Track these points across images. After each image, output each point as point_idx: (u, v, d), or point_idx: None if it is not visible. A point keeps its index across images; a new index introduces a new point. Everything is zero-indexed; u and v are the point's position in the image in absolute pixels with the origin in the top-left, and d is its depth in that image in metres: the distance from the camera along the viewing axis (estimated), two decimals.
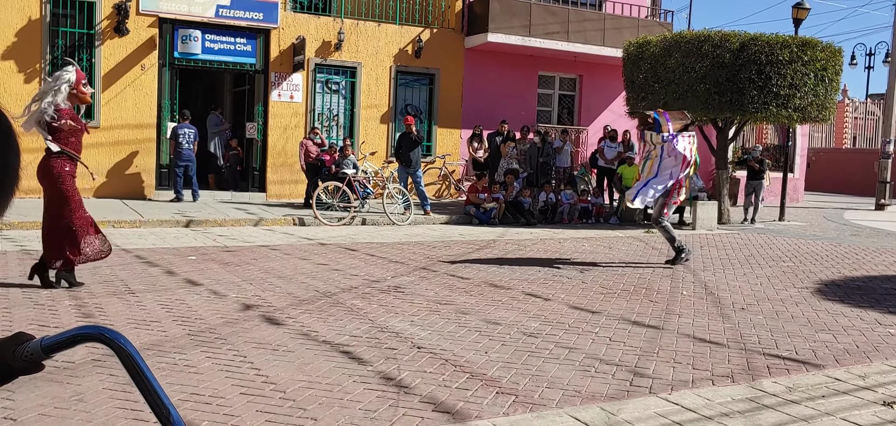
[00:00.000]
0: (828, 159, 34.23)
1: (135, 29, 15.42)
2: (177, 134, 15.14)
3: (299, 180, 16.40)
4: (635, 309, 7.25)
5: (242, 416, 4.02)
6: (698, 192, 15.93)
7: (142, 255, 9.34)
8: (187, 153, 15.12)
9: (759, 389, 4.83)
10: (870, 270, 10.39)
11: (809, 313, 7.34)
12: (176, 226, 12.38)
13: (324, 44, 17.28)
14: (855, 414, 4.43)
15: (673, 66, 15.63)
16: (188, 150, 15.13)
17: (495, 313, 6.79)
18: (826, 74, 15.44)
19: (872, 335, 6.53)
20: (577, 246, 11.90)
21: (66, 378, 4.47)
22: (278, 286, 7.67)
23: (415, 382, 4.70)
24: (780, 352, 5.84)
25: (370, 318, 6.38)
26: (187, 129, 15.17)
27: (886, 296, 8.42)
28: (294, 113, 17.16)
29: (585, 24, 19.12)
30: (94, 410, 4.01)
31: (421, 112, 18.63)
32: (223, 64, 16.45)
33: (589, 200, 16.30)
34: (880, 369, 5.45)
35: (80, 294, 6.91)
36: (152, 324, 5.90)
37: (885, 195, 23.06)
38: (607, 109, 20.82)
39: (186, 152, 15.11)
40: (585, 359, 5.41)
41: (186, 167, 15.22)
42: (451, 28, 18.80)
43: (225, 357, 5.07)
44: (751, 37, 15.14)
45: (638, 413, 4.30)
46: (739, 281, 9.12)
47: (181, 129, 15.13)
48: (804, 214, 19.79)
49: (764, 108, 15.07)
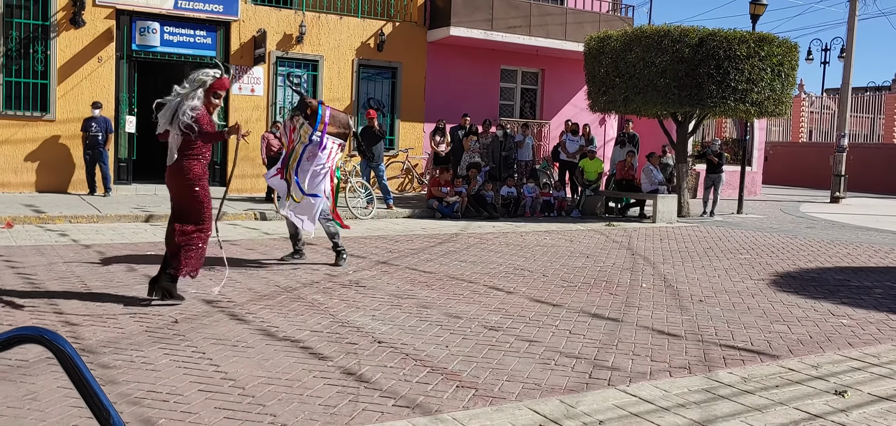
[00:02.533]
0: (785, 153, 34.85)
1: (91, 20, 15.14)
2: (89, 125, 14.64)
3: (261, 174, 16.24)
4: (596, 302, 7.32)
5: (201, 413, 3.98)
6: (659, 185, 16.14)
7: (99, 251, 9.18)
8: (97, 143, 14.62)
9: (715, 380, 4.91)
10: (824, 262, 10.61)
11: (765, 305, 7.47)
12: (135, 221, 12.19)
13: (285, 36, 17.14)
14: (807, 403, 4.53)
15: (633, 61, 15.78)
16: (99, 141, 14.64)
17: (457, 307, 6.80)
18: (783, 69, 15.71)
19: (825, 325, 6.67)
20: (539, 239, 11.97)
21: (20, 377, 4.39)
22: (238, 281, 7.60)
23: (375, 377, 4.69)
24: (736, 343, 5.94)
25: (331, 313, 6.35)
26: (97, 121, 14.73)
27: (839, 288, 8.61)
28: (255, 106, 17.00)
29: (547, 19, 19.22)
30: (47, 409, 3.94)
31: (383, 106, 18.58)
32: (182, 56, 16.23)
33: (551, 194, 16.39)
34: (832, 359, 5.57)
35: (34, 292, 6.78)
36: (108, 321, 5.81)
37: (840, 188, 23.55)
38: (569, 103, 20.96)
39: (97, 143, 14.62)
40: (546, 352, 5.45)
41: (98, 159, 14.76)
42: (414, 21, 18.76)
43: (183, 353, 5.02)
44: (709, 32, 15.34)
45: (597, 405, 4.35)
46: (698, 273, 9.25)
47: (92, 121, 14.68)
48: (762, 207, 20.13)
49: (722, 102, 15.29)
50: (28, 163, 14.93)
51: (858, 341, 6.17)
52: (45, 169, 15.06)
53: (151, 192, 15.70)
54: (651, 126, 19.35)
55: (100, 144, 14.70)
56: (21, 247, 9.25)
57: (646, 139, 19.89)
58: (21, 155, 14.85)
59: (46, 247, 9.34)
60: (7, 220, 11.06)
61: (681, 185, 16.93)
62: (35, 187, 14.99)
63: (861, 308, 7.50)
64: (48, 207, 12.59)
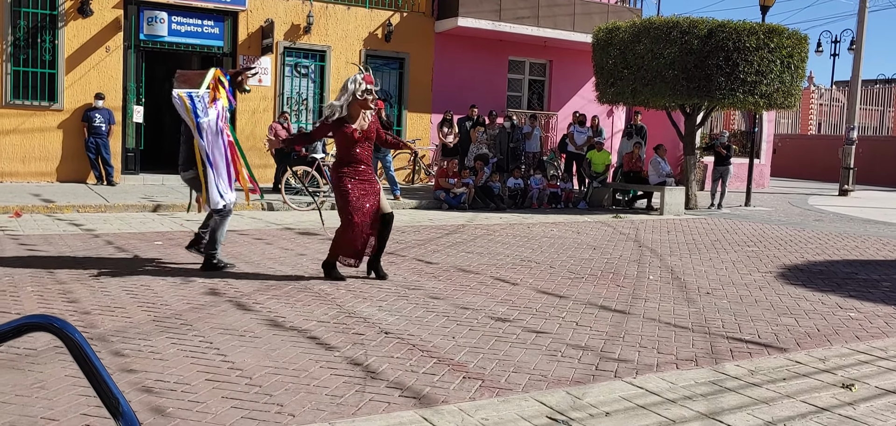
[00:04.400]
0: (793, 145, 34.71)
1: (99, 10, 15.16)
2: (90, 117, 14.84)
3: (268, 164, 16.26)
4: (602, 293, 7.31)
5: (208, 403, 3.99)
6: (666, 177, 16.10)
7: (107, 240, 9.22)
8: (101, 134, 14.86)
9: (721, 373, 4.90)
10: (832, 255, 10.57)
11: (773, 297, 7.45)
12: (142, 210, 12.23)
13: (293, 27, 17.13)
14: (814, 396, 4.52)
15: (642, 52, 15.72)
16: (102, 132, 14.87)
17: (463, 298, 6.80)
18: (792, 61, 15.63)
19: (833, 319, 6.65)
20: (546, 231, 11.95)
21: (28, 365, 4.41)
22: (246, 271, 7.62)
23: (382, 367, 4.70)
24: (743, 335, 5.93)
25: (338, 304, 6.36)
26: (101, 112, 14.90)
27: (847, 281, 8.58)
28: (263, 97, 17.00)
29: (555, 9, 19.15)
30: (55, 398, 3.96)
31: (391, 96, 18.56)
32: (190, 46, 16.24)
33: (558, 185, 16.38)
34: (840, 352, 5.55)
35: (43, 279, 6.81)
36: (117, 310, 5.83)
37: (849, 181, 23.45)
38: (577, 95, 20.90)
39: (101, 134, 14.86)
40: (552, 343, 5.45)
41: (101, 150, 14.94)
42: (422, 12, 18.73)
43: (191, 343, 5.04)
44: (718, 24, 15.26)
45: (603, 397, 4.34)
46: (705, 265, 9.23)
47: (95, 112, 14.85)
48: (770, 200, 20.06)
49: (731, 94, 15.22)
50: (36, 152, 14.98)
51: (866, 334, 6.15)
52: (53, 158, 15.11)
53: (159, 182, 15.74)
54: (659, 118, 19.29)
55: (103, 135, 14.79)
56: (29, 236, 9.29)
57: (654, 131, 19.84)
58: (29, 144, 14.90)
59: (54, 236, 9.37)
60: (15, 210, 11.10)
61: (689, 177, 16.88)
62: (43, 177, 15.05)
63: (869, 301, 7.48)
64: (56, 197, 12.64)
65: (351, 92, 7.17)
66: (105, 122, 14.87)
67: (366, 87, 7.20)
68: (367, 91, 7.20)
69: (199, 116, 7.18)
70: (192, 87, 7.35)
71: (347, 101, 7.20)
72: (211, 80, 7.40)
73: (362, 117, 7.29)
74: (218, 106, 7.38)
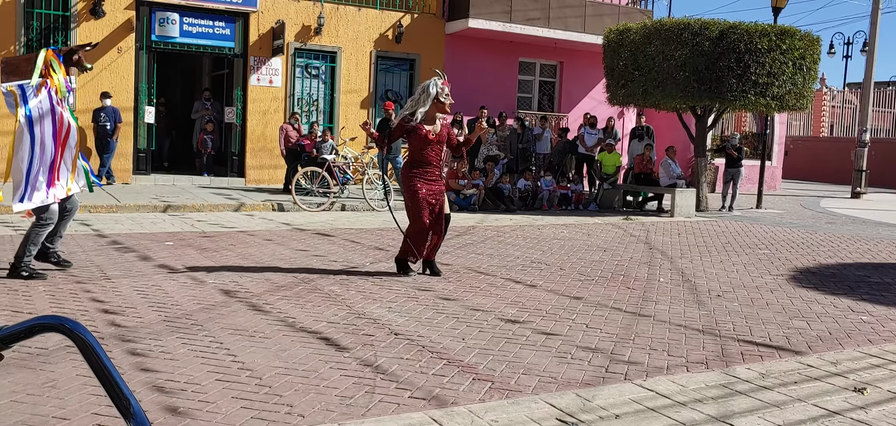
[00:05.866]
0: (805, 147, 34.53)
1: (111, 11, 15.24)
2: (98, 115, 14.93)
3: (278, 165, 16.32)
4: (613, 296, 7.29)
5: (218, 403, 4.00)
6: (677, 179, 16.05)
7: (118, 241, 9.26)
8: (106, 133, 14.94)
9: (732, 375, 4.88)
10: (844, 258, 10.51)
11: (784, 300, 7.41)
12: (153, 211, 12.28)
13: (303, 28, 17.18)
14: (826, 400, 4.49)
15: (653, 54, 15.68)
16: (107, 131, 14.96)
17: (474, 300, 6.80)
18: (804, 63, 15.56)
19: (845, 322, 6.61)
20: (556, 232, 11.94)
21: (40, 364, 4.43)
22: (256, 272, 7.64)
23: (392, 368, 4.70)
24: (754, 338, 5.90)
25: (348, 305, 6.37)
26: (107, 111, 14.97)
27: (859, 284, 8.52)
28: (273, 97, 17.06)
29: (566, 11, 19.13)
30: (67, 397, 3.98)
31: (401, 97, 18.58)
32: (202, 47, 16.31)
33: (568, 187, 16.35)
34: (852, 355, 5.52)
35: (55, 280, 6.85)
36: (128, 311, 5.85)
37: (861, 183, 23.31)
38: (588, 96, 20.88)
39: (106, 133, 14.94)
40: (562, 345, 5.44)
41: (105, 149, 15.02)
42: (432, 13, 18.74)
43: (201, 343, 5.05)
44: (730, 25, 15.21)
45: (613, 399, 4.33)
46: (716, 268, 9.20)
47: (101, 111, 14.92)
48: (781, 202, 19.97)
49: (742, 96, 15.17)
50: None
51: (878, 338, 6.11)
52: None
53: (169, 183, 15.81)
54: (670, 120, 19.23)
55: (108, 134, 14.88)
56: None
57: (665, 133, 19.79)
58: None
59: (66, 236, 9.38)
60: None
61: (700, 180, 16.82)
62: None
63: (881, 304, 7.43)
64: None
65: (433, 95, 7.46)
66: (110, 121, 14.94)
67: (447, 91, 7.53)
68: (447, 95, 7.54)
69: (32, 112, 6.41)
70: (22, 76, 6.46)
71: (426, 104, 7.51)
72: (42, 66, 6.50)
73: (437, 121, 7.60)
74: (50, 92, 6.55)
